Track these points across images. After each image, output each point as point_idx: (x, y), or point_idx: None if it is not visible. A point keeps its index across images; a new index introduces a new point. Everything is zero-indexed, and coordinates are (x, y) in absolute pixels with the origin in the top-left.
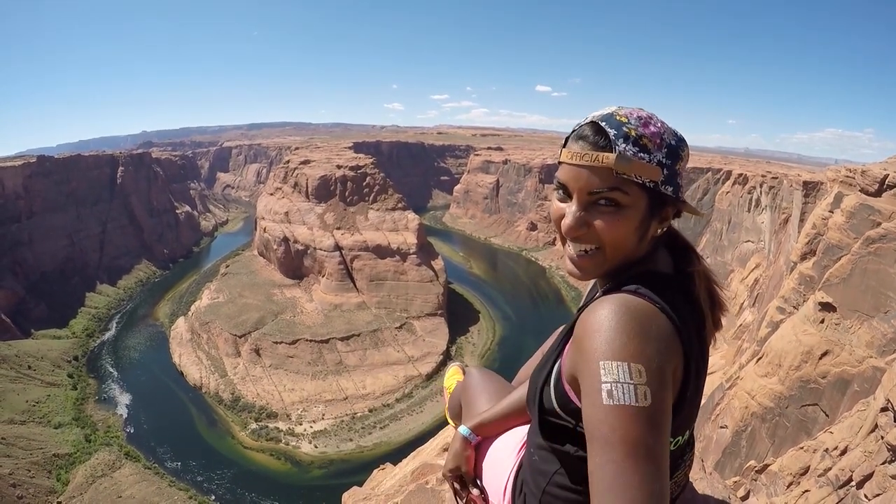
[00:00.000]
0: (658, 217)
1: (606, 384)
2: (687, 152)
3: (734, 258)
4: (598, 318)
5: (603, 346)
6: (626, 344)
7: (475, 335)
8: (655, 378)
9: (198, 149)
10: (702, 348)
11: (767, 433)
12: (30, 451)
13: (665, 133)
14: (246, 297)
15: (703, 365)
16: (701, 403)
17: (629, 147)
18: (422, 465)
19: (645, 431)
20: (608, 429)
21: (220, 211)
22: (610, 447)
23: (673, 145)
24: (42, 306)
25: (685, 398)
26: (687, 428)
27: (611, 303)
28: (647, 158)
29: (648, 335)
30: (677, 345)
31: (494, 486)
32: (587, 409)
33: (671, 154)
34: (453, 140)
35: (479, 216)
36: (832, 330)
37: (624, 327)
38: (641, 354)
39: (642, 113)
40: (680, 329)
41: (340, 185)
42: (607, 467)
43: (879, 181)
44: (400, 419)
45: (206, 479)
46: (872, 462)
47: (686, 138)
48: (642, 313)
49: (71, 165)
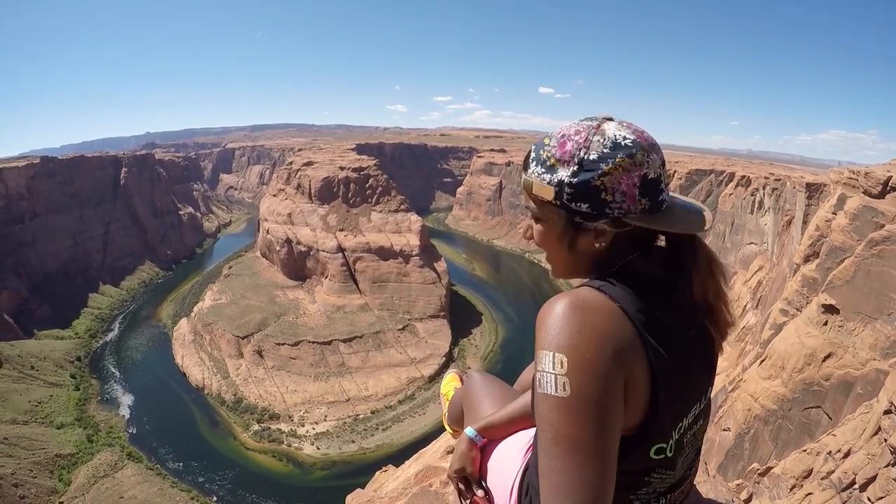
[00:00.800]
0: (590, 231)
1: (538, 372)
2: (619, 165)
3: (737, 260)
4: (546, 309)
5: (540, 335)
6: (557, 334)
7: (478, 337)
8: (580, 370)
9: (201, 150)
10: (686, 354)
11: (770, 436)
12: (32, 452)
13: (583, 149)
14: (249, 298)
15: (685, 373)
16: (691, 413)
17: (536, 169)
18: (425, 468)
19: (565, 422)
20: (538, 415)
21: (223, 212)
22: (542, 432)
23: (591, 159)
24: (45, 307)
25: (657, 402)
26: (668, 436)
27: (564, 294)
28: (547, 179)
29: (583, 327)
30: (631, 343)
31: (500, 487)
32: (533, 394)
33: (585, 168)
34: (456, 142)
35: (481, 218)
36: (835, 332)
37: (560, 317)
38: (567, 345)
39: (571, 130)
40: (644, 327)
41: (343, 186)
42: (541, 452)
43: (883, 183)
44: (402, 421)
45: (208, 480)
46: (876, 465)
47: (636, 146)
48: (587, 305)
49: (74, 166)
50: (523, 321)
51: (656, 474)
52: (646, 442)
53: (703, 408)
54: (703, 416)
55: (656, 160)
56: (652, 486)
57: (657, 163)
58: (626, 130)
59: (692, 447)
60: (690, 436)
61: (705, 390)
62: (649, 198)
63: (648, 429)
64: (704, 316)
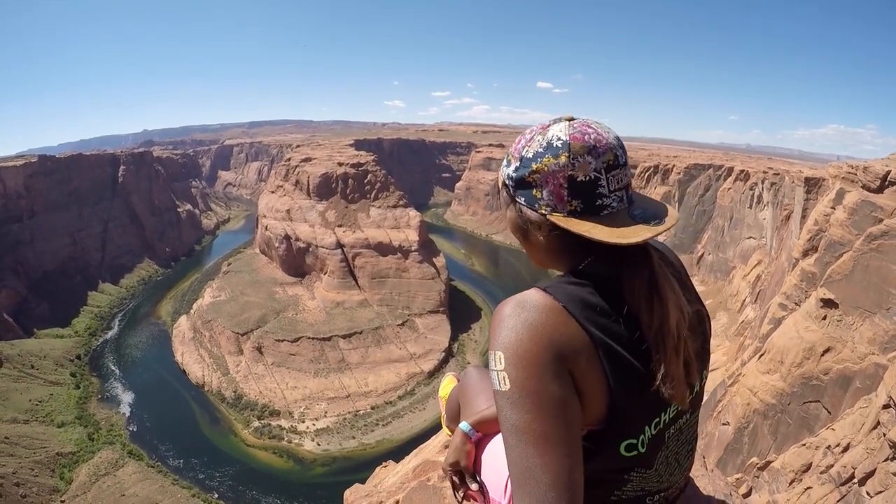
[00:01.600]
0: (531, 224)
1: (490, 371)
2: (543, 163)
3: (736, 255)
4: (495, 312)
5: (490, 337)
6: (498, 334)
7: (477, 332)
8: (514, 364)
9: (199, 147)
10: (642, 355)
11: (769, 430)
12: (33, 450)
13: (525, 147)
14: (248, 295)
15: (643, 375)
16: (667, 411)
17: (502, 163)
18: (423, 462)
19: (511, 413)
20: (496, 409)
21: (221, 209)
22: (500, 425)
23: (527, 157)
24: (44, 305)
25: (615, 398)
26: (639, 431)
27: (511, 297)
28: (502, 172)
29: (517, 324)
30: (573, 338)
31: (495, 482)
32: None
33: (522, 166)
34: (454, 137)
35: (480, 213)
36: (834, 326)
37: (502, 319)
38: (504, 343)
39: (527, 130)
40: (585, 325)
41: (342, 182)
42: (504, 444)
43: (881, 177)
44: (402, 416)
45: (209, 476)
46: (874, 459)
47: (566, 147)
48: (526, 305)
49: (72, 165)
50: None
51: (635, 473)
52: (613, 438)
53: (689, 401)
54: (688, 410)
55: (591, 163)
56: (632, 483)
57: (591, 165)
58: (564, 131)
59: (678, 443)
60: (675, 430)
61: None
62: (581, 200)
63: (612, 425)
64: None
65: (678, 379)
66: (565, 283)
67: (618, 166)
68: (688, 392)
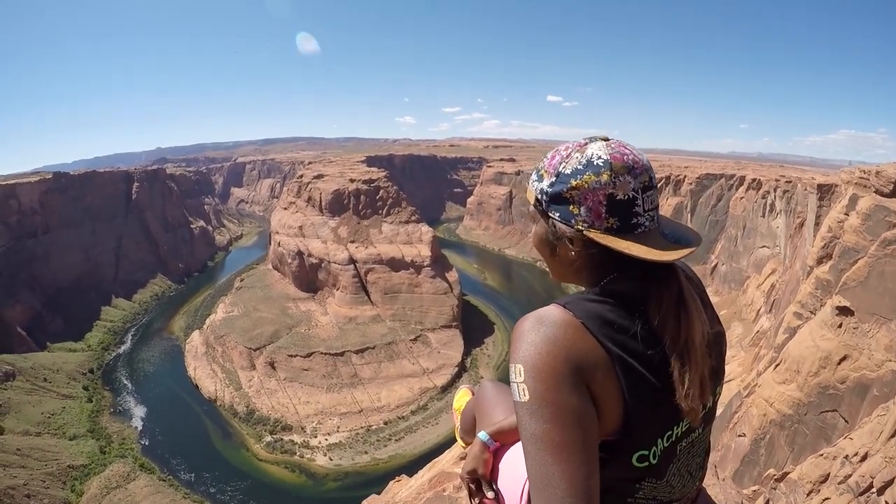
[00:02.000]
0: (563, 239)
1: (510, 383)
2: (584, 180)
3: (750, 264)
4: (516, 326)
5: (510, 350)
6: (517, 346)
7: (490, 347)
8: (533, 376)
9: (212, 164)
10: (658, 371)
11: (786, 441)
12: (45, 463)
13: (563, 163)
14: (261, 310)
15: (657, 390)
16: (679, 426)
17: (532, 177)
18: (439, 474)
19: (530, 423)
20: (517, 420)
21: (234, 225)
22: (520, 437)
23: (564, 173)
24: (58, 320)
25: (630, 412)
26: (651, 444)
27: (532, 313)
28: (535, 187)
29: (536, 339)
30: (590, 353)
31: (510, 490)
32: None
33: (559, 181)
34: (465, 152)
35: (492, 227)
36: (850, 334)
37: (522, 333)
38: (524, 356)
39: (563, 147)
40: (602, 341)
41: (354, 198)
42: (524, 454)
43: (894, 182)
44: (415, 431)
45: (221, 491)
46: (894, 468)
47: (607, 166)
48: (545, 320)
49: (86, 181)
50: None
51: (646, 482)
52: (626, 449)
53: (702, 416)
54: (701, 424)
55: (630, 183)
56: (644, 492)
57: (630, 185)
58: (604, 150)
59: (689, 456)
60: (687, 443)
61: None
62: (619, 218)
63: (626, 437)
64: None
65: (695, 395)
66: (584, 300)
67: (651, 187)
68: (701, 409)
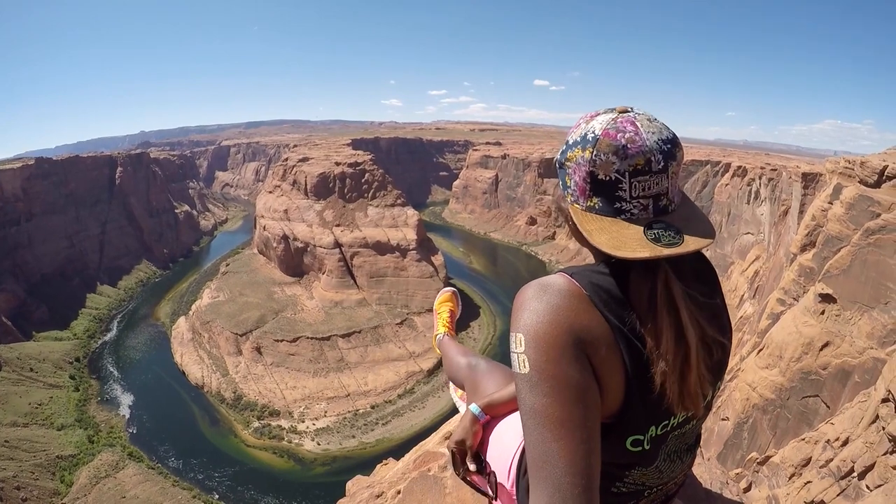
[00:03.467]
0: (562, 206)
1: (511, 353)
2: (573, 153)
3: (734, 250)
4: (518, 294)
5: (511, 319)
6: (518, 315)
7: (476, 330)
8: (534, 346)
9: (196, 148)
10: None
11: (769, 425)
12: (33, 454)
13: (572, 132)
14: (246, 295)
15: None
16: (677, 414)
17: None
18: (423, 453)
19: (529, 396)
20: (516, 392)
21: (219, 210)
22: (519, 409)
23: (567, 142)
24: (43, 308)
25: (631, 391)
26: (646, 429)
27: (535, 280)
28: (558, 151)
29: (539, 307)
30: (594, 326)
31: (500, 465)
32: None
33: (563, 151)
34: (452, 135)
35: (478, 211)
36: (832, 321)
37: (524, 301)
38: (525, 325)
39: (587, 116)
40: (607, 315)
41: (339, 182)
42: (522, 428)
43: (879, 172)
44: (402, 415)
45: (209, 477)
46: (874, 453)
47: (594, 142)
48: (549, 288)
49: (69, 167)
50: None
51: (636, 469)
52: (622, 431)
53: (693, 414)
54: (696, 417)
55: (614, 164)
56: (632, 477)
57: (614, 166)
58: (603, 125)
59: (680, 443)
60: (679, 434)
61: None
62: (602, 199)
63: (623, 418)
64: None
65: (674, 394)
66: (592, 272)
67: (648, 173)
68: (701, 401)
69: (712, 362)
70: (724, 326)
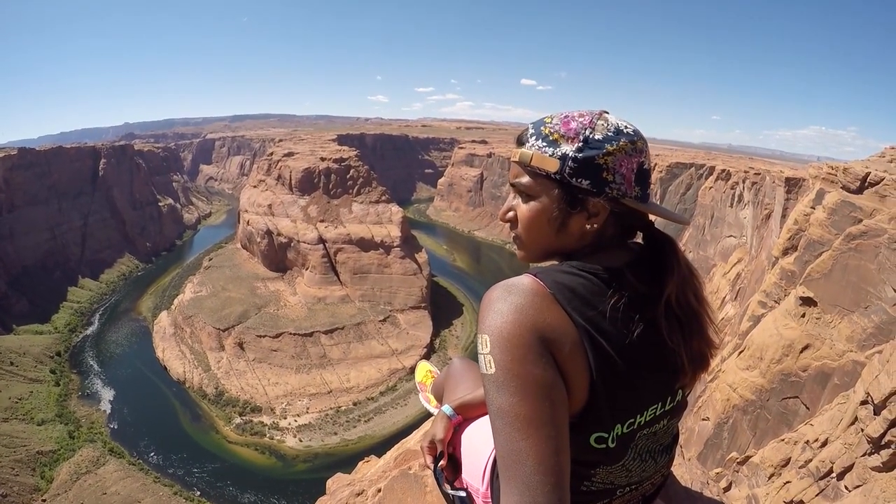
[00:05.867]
0: (583, 211)
1: (478, 355)
2: (620, 147)
3: (716, 252)
4: (485, 295)
5: (478, 320)
6: (484, 316)
7: (459, 328)
8: (499, 347)
9: (181, 141)
10: (635, 351)
11: (749, 425)
12: (13, 449)
13: (588, 129)
14: (229, 290)
15: (637, 368)
16: (648, 411)
17: (536, 143)
18: (404, 451)
19: (496, 396)
20: (484, 392)
21: (203, 203)
22: (488, 410)
23: (595, 139)
24: (23, 301)
25: (595, 389)
26: (611, 427)
27: (501, 282)
28: (550, 152)
29: (503, 307)
30: (558, 325)
31: (473, 469)
32: None
33: (589, 146)
34: (438, 133)
35: (462, 209)
36: (813, 324)
37: (489, 302)
38: (490, 326)
39: (574, 113)
40: (571, 314)
41: (324, 177)
42: (491, 428)
43: (861, 179)
44: (384, 412)
45: (191, 474)
46: (853, 454)
47: (636, 134)
48: (514, 289)
49: (52, 158)
50: None
51: (601, 468)
52: (586, 428)
53: (669, 409)
54: (667, 416)
55: (650, 154)
56: (600, 476)
57: (650, 157)
58: (624, 122)
59: (652, 445)
60: (648, 433)
61: (669, 391)
62: (641, 187)
63: (588, 415)
64: (683, 321)
65: (685, 358)
66: (557, 272)
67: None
68: (690, 373)
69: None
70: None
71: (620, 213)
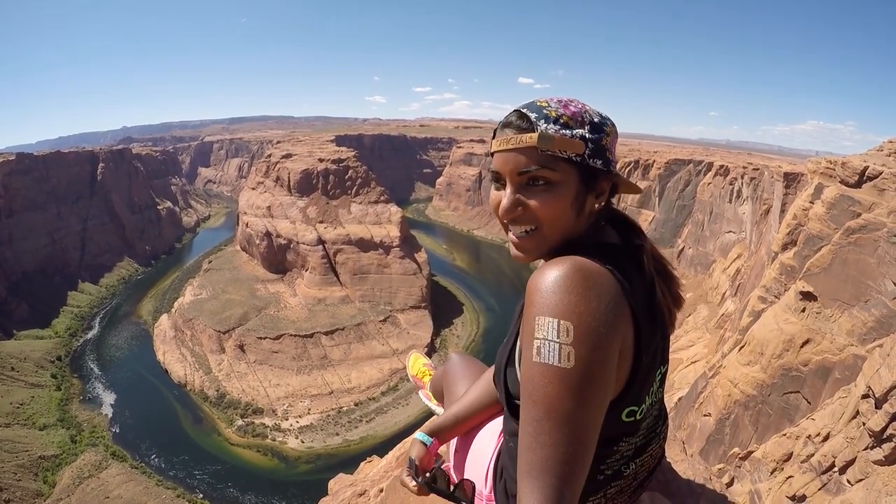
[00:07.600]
0: (593, 191)
1: (537, 340)
2: (612, 129)
3: (716, 248)
4: (543, 275)
5: (541, 301)
6: (562, 299)
7: (459, 327)
8: (584, 339)
9: (179, 144)
10: (654, 320)
11: (750, 420)
12: (15, 454)
13: (586, 112)
14: (229, 292)
15: (656, 338)
16: (656, 377)
17: (550, 125)
18: (406, 451)
19: (564, 394)
20: (532, 386)
21: (201, 206)
22: (533, 404)
23: (596, 122)
24: (24, 306)
25: (639, 368)
26: (642, 400)
27: (559, 261)
28: (570, 134)
29: (588, 293)
30: (625, 310)
31: (477, 472)
32: (523, 365)
33: (595, 129)
34: (436, 132)
35: (461, 208)
36: (813, 319)
37: (564, 282)
38: (574, 312)
39: (562, 98)
40: (629, 294)
41: (322, 178)
42: (529, 425)
43: (859, 173)
44: (386, 412)
45: (193, 476)
46: (854, 448)
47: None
48: (588, 271)
49: (51, 162)
50: (504, 310)
51: (623, 442)
52: (620, 405)
53: (665, 371)
54: (664, 378)
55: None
56: (620, 453)
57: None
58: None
59: (652, 411)
60: (656, 398)
61: (666, 348)
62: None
63: (626, 394)
64: (663, 281)
65: (671, 307)
66: (599, 256)
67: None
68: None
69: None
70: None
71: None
